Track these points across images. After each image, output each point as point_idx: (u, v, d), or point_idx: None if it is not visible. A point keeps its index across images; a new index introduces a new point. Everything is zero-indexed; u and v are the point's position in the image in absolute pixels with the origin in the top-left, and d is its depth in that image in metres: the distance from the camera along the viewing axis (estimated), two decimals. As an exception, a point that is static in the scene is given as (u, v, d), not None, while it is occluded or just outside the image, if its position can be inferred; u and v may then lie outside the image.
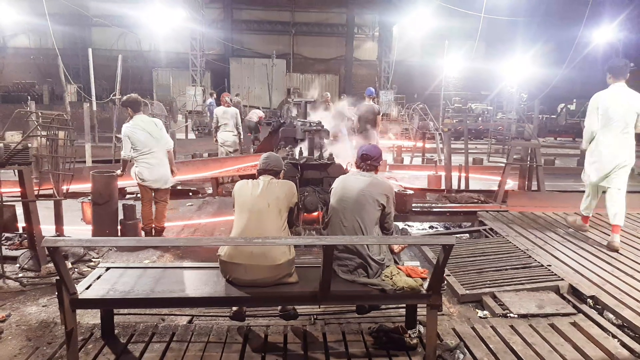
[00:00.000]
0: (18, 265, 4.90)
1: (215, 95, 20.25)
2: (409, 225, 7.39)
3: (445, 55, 21.85)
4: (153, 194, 6.01)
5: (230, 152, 10.17)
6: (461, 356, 3.27)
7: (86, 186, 6.72)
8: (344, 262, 3.42)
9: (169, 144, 6.02)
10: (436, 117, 19.15)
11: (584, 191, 6.03)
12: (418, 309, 3.63)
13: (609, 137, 5.38)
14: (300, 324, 3.71)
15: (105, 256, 5.38)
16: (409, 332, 3.47)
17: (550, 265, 4.84)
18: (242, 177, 7.50)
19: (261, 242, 3.05)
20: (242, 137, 10.58)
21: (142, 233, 6.01)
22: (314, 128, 7.05)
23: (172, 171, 6.10)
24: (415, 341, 3.40)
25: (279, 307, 3.72)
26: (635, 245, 5.56)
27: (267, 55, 26.83)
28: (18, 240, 5.52)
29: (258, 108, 17.57)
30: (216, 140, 10.41)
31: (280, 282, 3.25)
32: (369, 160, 3.70)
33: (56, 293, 3.00)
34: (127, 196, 8.55)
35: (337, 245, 3.34)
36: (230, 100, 11.02)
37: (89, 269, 4.84)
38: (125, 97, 6.00)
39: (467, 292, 4.33)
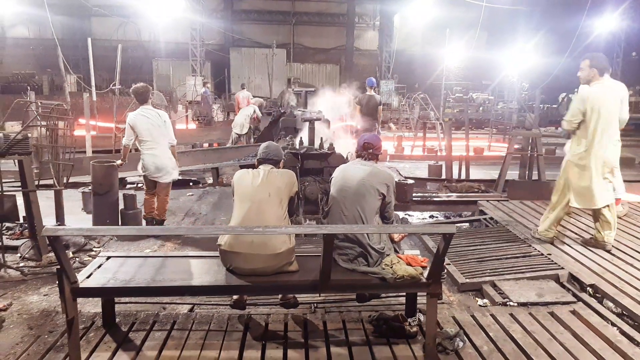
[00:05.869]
0: (19, 254, 4.93)
1: (209, 84, 21.74)
2: (409, 215, 7.39)
3: (447, 44, 21.70)
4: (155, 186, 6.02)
5: (237, 133, 12.55)
6: (461, 344, 3.29)
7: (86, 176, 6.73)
8: (344, 251, 3.42)
9: (172, 141, 6.00)
10: (437, 107, 19.10)
11: None
12: (418, 298, 3.64)
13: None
14: (300, 313, 3.72)
15: (106, 245, 5.40)
16: (409, 320, 3.48)
17: (550, 254, 4.84)
18: (241, 166, 7.51)
19: (262, 231, 3.06)
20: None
21: (143, 222, 6.02)
22: (315, 117, 7.04)
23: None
24: (415, 329, 3.42)
25: (280, 296, 3.73)
26: (635, 234, 5.56)
27: (267, 45, 26.65)
28: (19, 230, 5.54)
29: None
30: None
31: (280, 270, 3.26)
32: (370, 149, 3.69)
33: (57, 282, 3.01)
34: (128, 186, 8.58)
35: (337, 234, 3.35)
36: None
37: (90, 258, 4.86)
38: (134, 87, 5.97)
39: (467, 280, 4.34)
